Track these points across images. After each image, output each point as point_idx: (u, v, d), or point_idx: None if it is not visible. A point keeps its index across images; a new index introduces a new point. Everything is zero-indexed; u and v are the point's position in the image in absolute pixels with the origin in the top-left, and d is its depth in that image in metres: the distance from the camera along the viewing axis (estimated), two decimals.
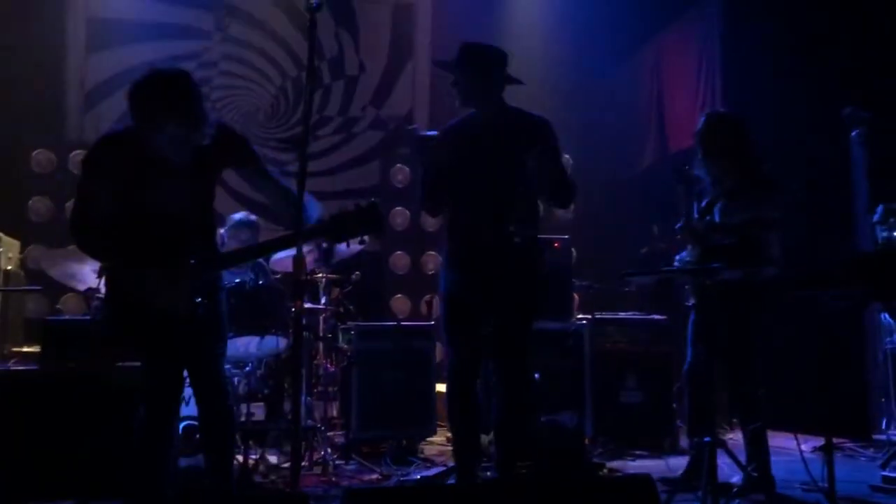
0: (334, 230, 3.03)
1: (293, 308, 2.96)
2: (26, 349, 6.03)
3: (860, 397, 5.56)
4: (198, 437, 4.09)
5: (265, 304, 4.61)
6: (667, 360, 5.59)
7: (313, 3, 2.91)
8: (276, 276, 5.24)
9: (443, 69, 3.88)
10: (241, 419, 4.60)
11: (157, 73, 2.98)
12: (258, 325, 4.55)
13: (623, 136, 8.39)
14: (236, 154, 3.19)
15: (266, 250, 3.60)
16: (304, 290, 5.04)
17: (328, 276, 5.25)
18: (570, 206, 3.95)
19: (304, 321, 4.63)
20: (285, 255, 4.74)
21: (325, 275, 5.21)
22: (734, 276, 3.92)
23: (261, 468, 4.57)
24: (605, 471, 4.69)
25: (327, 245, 4.75)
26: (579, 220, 7.29)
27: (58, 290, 6.50)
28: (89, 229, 3.06)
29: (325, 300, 5.32)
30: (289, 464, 4.26)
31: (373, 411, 5.25)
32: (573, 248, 5.86)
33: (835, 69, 5.87)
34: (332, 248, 4.90)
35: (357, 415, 5.26)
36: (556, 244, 5.60)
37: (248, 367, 4.84)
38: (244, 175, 3.26)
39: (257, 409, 4.97)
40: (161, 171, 3.03)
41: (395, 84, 8.76)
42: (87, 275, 4.85)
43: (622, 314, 6.03)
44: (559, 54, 8.18)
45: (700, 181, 4.19)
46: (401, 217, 8.15)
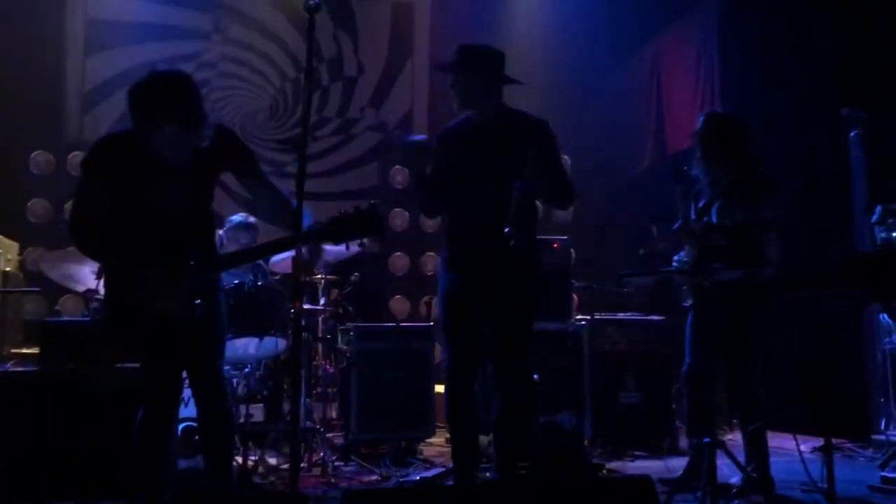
0: (334, 233, 3.02)
1: (292, 309, 2.96)
2: (25, 350, 6.03)
3: (859, 398, 5.55)
4: (197, 438, 4.09)
5: (264, 306, 4.61)
6: (666, 361, 5.59)
7: (312, 4, 2.90)
8: (276, 277, 5.25)
9: (442, 72, 3.88)
10: (241, 420, 4.61)
11: (157, 74, 2.99)
12: (257, 326, 4.55)
13: (622, 136, 8.37)
14: (235, 157, 3.20)
15: (265, 252, 3.60)
16: (303, 292, 5.08)
17: (327, 277, 5.26)
18: (569, 207, 3.94)
19: (303, 322, 4.66)
20: (284, 257, 4.75)
21: (323, 276, 5.21)
22: (732, 277, 3.91)
23: (260, 469, 4.58)
24: (605, 471, 4.70)
25: (310, 251, 4.71)
26: (578, 220, 7.32)
27: (57, 291, 6.51)
28: (88, 230, 3.06)
29: (324, 301, 5.33)
30: (288, 465, 4.28)
31: (372, 412, 5.25)
32: (572, 249, 5.84)
33: (834, 69, 5.87)
34: (320, 253, 4.89)
35: (356, 416, 5.26)
36: (556, 245, 5.60)
37: (248, 369, 4.85)
38: (241, 178, 3.26)
39: (256, 411, 4.97)
40: (160, 171, 3.03)
41: (394, 85, 8.75)
42: (86, 276, 4.84)
43: (621, 315, 6.02)
44: (559, 54, 8.18)
45: (699, 181, 4.18)
46: (400, 218, 8.15)
